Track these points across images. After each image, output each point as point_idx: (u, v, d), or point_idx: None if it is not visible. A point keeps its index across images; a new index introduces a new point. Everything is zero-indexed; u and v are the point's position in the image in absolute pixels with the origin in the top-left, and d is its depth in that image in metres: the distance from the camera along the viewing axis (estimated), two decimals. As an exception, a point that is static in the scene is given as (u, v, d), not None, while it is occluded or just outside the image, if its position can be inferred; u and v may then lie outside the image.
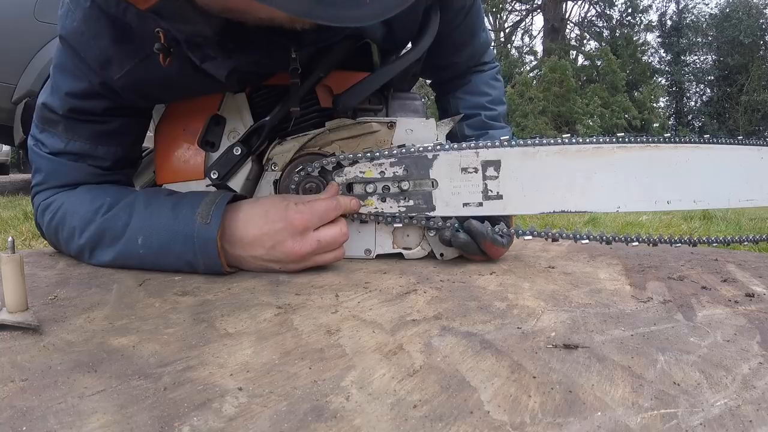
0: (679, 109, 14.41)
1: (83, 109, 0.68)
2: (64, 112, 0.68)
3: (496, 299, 0.56)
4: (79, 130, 0.69)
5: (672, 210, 0.75)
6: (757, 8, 12.30)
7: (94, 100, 0.67)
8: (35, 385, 0.34)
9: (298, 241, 0.64)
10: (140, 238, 0.64)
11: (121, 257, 0.66)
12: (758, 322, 0.49)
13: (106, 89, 0.66)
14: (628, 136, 0.72)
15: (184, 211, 0.63)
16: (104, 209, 0.66)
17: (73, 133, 0.69)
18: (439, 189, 0.72)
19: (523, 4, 13.79)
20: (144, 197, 0.67)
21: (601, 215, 1.70)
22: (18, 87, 2.37)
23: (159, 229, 0.63)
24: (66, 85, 0.67)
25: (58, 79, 0.68)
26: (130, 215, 0.65)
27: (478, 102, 0.95)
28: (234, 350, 0.41)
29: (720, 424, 0.31)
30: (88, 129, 0.69)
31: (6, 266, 0.43)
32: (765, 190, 0.75)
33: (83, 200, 0.68)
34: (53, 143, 0.70)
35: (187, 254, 0.62)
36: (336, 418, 0.31)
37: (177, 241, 0.62)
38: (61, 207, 0.69)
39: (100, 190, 0.70)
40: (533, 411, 0.32)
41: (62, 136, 0.69)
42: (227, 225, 0.64)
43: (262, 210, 0.64)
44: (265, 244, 0.64)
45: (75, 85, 0.67)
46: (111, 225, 0.65)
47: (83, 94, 0.67)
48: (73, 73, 0.66)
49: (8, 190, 3.05)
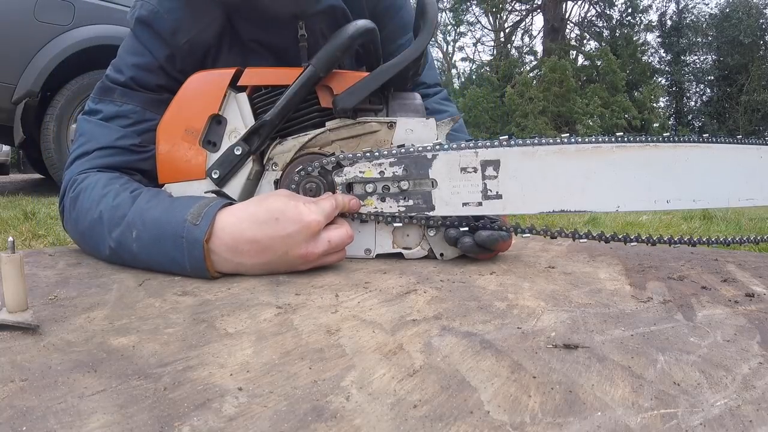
0: (679, 109, 14.40)
1: (142, 79, 0.79)
2: (126, 79, 0.78)
3: (496, 299, 0.56)
4: (133, 96, 0.79)
5: (671, 209, 0.75)
6: (757, 8, 12.30)
7: (154, 73, 0.79)
8: (35, 385, 0.34)
9: (312, 243, 0.64)
10: (134, 231, 0.64)
11: (117, 249, 0.66)
12: (758, 322, 0.49)
13: (168, 62, 0.79)
14: (627, 135, 0.72)
15: (178, 210, 0.63)
16: (112, 196, 0.68)
17: (127, 98, 0.78)
18: (438, 189, 0.72)
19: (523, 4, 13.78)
20: (148, 193, 0.69)
21: (601, 216, 1.70)
22: (18, 87, 2.37)
23: (152, 223, 0.63)
24: (131, 59, 0.79)
25: (123, 56, 0.80)
26: (131, 207, 0.66)
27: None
28: (234, 350, 0.41)
29: (720, 424, 0.31)
30: (142, 96, 0.79)
31: (6, 266, 0.43)
32: (765, 189, 0.75)
33: (103, 184, 0.71)
34: (108, 108, 0.78)
35: (175, 253, 0.62)
36: (336, 418, 0.31)
37: (167, 238, 0.62)
38: (86, 185, 0.72)
39: (120, 181, 0.72)
40: (533, 411, 0.32)
41: (118, 101, 0.78)
42: (227, 234, 0.62)
43: (270, 216, 0.63)
44: (278, 250, 0.63)
45: (141, 59, 0.79)
46: (112, 214, 0.66)
47: (146, 67, 0.78)
48: (140, 51, 0.79)
49: (8, 190, 3.05)
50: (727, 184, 0.73)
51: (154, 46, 0.78)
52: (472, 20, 14.74)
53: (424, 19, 0.74)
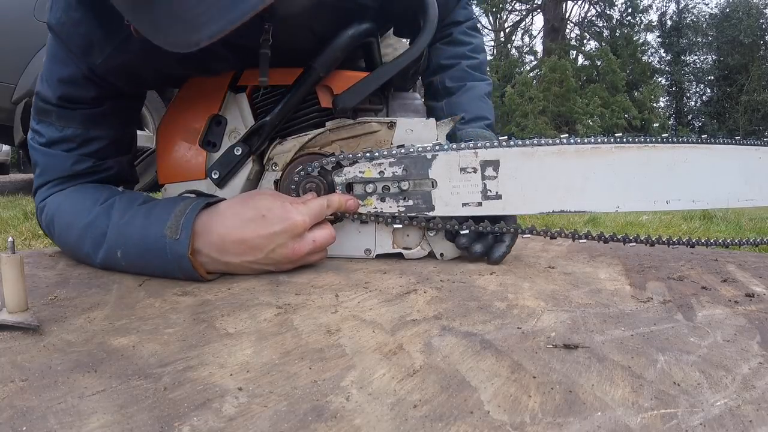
0: (679, 109, 14.40)
1: (73, 95, 0.70)
2: (57, 99, 0.69)
3: (496, 299, 0.56)
4: (71, 117, 0.71)
5: (671, 210, 0.75)
6: (757, 8, 12.30)
7: (83, 86, 0.69)
8: (35, 385, 0.34)
9: (298, 242, 0.64)
10: (119, 251, 0.64)
11: (107, 263, 0.66)
12: (758, 322, 0.49)
13: (92, 74, 0.68)
14: (627, 136, 0.72)
15: (155, 225, 0.62)
16: (85, 214, 0.66)
17: (66, 121, 0.71)
18: (438, 189, 0.72)
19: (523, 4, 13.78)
20: (120, 204, 0.66)
21: (601, 216, 1.70)
22: (18, 87, 2.36)
23: (133, 243, 0.63)
24: (56, 72, 0.69)
25: (49, 66, 0.70)
26: (108, 224, 0.65)
27: (458, 51, 0.94)
28: (234, 350, 0.41)
29: (720, 424, 0.31)
30: (80, 115, 0.71)
31: (6, 266, 0.43)
32: (764, 189, 0.75)
33: (71, 203, 0.69)
34: (49, 133, 0.71)
35: (165, 266, 0.62)
36: (336, 418, 0.31)
37: (152, 256, 0.62)
38: (52, 210, 0.71)
39: (86, 193, 0.70)
40: (533, 411, 0.32)
41: (56, 124, 0.71)
42: (213, 234, 0.62)
43: (256, 214, 0.63)
44: (264, 248, 0.63)
45: (64, 71, 0.68)
46: (91, 232, 0.66)
47: (72, 80, 0.69)
48: (63, 60, 0.68)
49: (8, 190, 3.05)
50: (726, 185, 0.74)
51: (71, 58, 0.68)
52: (472, 20, 14.70)
53: (425, 19, 0.73)
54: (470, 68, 0.92)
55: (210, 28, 0.46)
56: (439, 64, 0.93)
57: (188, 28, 0.46)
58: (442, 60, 0.93)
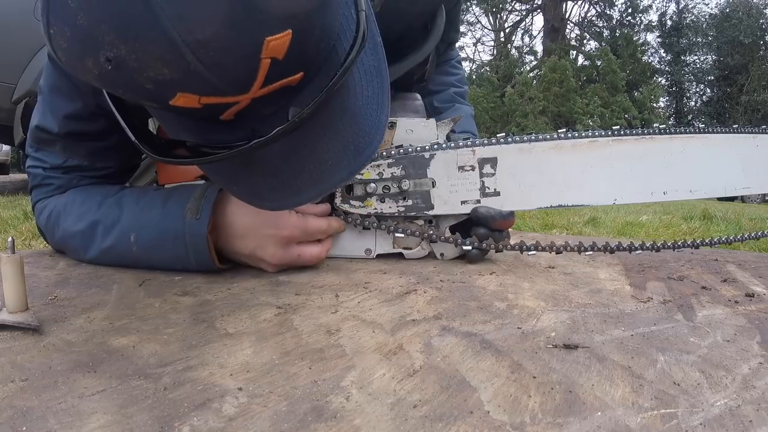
0: (679, 109, 14.41)
1: (80, 130, 0.68)
2: (63, 134, 0.68)
3: (496, 299, 0.56)
4: (77, 149, 0.69)
5: (668, 200, 0.75)
6: (757, 8, 12.30)
7: (90, 120, 0.67)
8: (35, 385, 0.34)
9: (279, 250, 0.64)
10: (132, 236, 0.63)
11: (114, 253, 0.65)
12: (758, 322, 0.49)
13: (100, 109, 0.65)
14: (623, 129, 0.72)
15: (174, 207, 0.63)
16: (95, 206, 0.66)
17: (71, 152, 0.69)
18: (437, 188, 0.72)
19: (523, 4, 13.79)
20: (135, 192, 0.67)
21: (600, 215, 1.70)
22: (18, 87, 2.37)
23: (150, 226, 0.63)
24: (62, 107, 0.66)
25: (52, 100, 0.67)
26: (121, 210, 0.65)
27: (447, 80, 1.02)
28: (234, 350, 0.41)
29: (720, 424, 0.31)
30: (86, 147, 0.70)
31: (6, 266, 0.43)
32: (761, 177, 0.75)
33: (75, 200, 0.69)
34: (52, 159, 0.70)
35: (178, 250, 0.62)
36: (336, 418, 0.31)
37: (168, 238, 0.62)
38: (56, 208, 0.70)
39: (92, 189, 0.70)
40: (533, 411, 0.32)
41: (60, 154, 0.69)
42: (219, 218, 0.63)
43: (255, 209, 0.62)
44: (249, 244, 0.64)
45: (71, 106, 0.66)
46: (102, 219, 0.65)
47: (80, 116, 0.66)
48: (68, 94, 0.66)
49: (8, 190, 3.05)
50: (723, 174, 0.74)
51: (77, 92, 0.65)
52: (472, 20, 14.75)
53: (433, 24, 0.74)
54: (457, 95, 1.00)
55: (308, 194, 0.49)
56: (428, 90, 0.99)
57: (288, 194, 0.49)
58: (431, 86, 0.99)
